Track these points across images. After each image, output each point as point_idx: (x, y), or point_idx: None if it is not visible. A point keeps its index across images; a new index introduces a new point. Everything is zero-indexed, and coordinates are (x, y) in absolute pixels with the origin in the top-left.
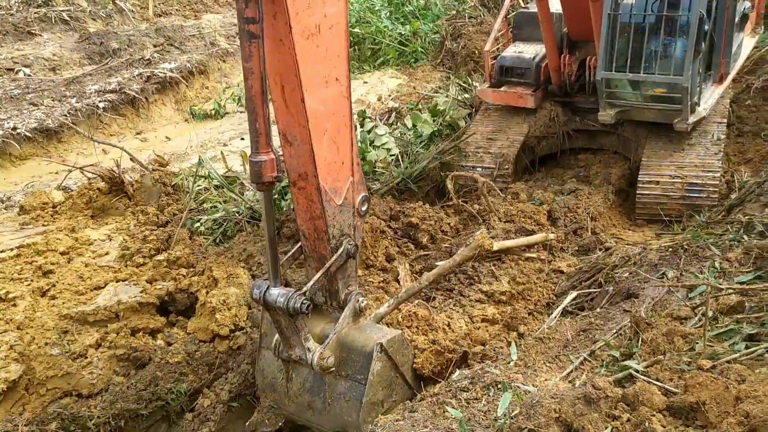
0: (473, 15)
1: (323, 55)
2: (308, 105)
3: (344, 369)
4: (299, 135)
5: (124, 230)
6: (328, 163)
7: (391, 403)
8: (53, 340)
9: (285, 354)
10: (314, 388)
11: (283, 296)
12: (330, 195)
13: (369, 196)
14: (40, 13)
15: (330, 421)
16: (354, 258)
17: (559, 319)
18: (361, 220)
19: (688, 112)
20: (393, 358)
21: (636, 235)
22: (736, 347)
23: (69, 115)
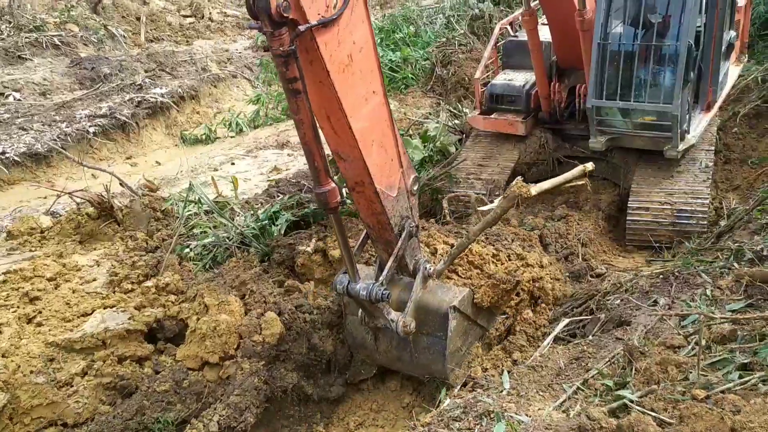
0: (463, 42)
1: (359, 78)
2: (354, 128)
3: (424, 328)
4: (350, 153)
5: (112, 256)
6: (380, 166)
7: (468, 345)
8: (39, 368)
9: (371, 324)
10: (400, 345)
11: (365, 289)
12: (386, 192)
13: (418, 176)
14: (31, 37)
15: (418, 369)
16: (416, 236)
17: (551, 347)
18: (415, 198)
19: (678, 139)
20: (465, 312)
21: (627, 261)
22: (729, 377)
23: (59, 140)
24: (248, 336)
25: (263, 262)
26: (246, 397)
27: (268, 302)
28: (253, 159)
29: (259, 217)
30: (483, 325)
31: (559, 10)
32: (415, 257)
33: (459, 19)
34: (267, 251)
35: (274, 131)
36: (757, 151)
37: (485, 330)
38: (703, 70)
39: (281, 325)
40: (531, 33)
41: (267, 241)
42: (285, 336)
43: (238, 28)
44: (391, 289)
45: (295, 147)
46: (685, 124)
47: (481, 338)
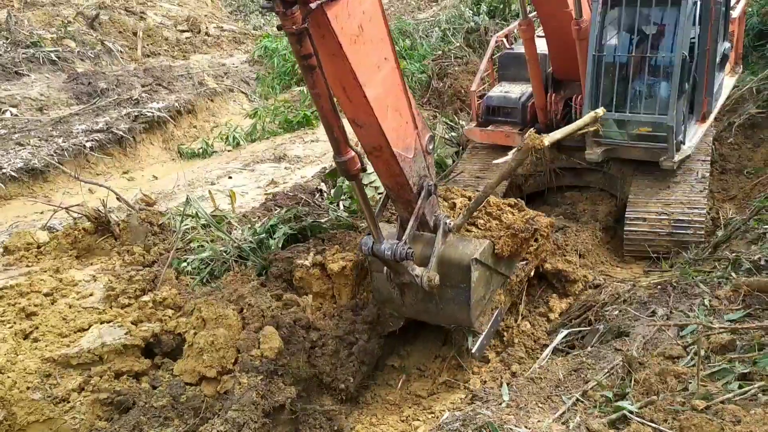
0: (459, 55)
1: (371, 47)
2: (369, 96)
3: (448, 280)
4: (366, 120)
5: (109, 271)
6: (396, 129)
7: (491, 293)
8: (35, 384)
9: (397, 280)
10: (426, 298)
11: (389, 249)
12: (403, 155)
13: (433, 135)
14: (28, 53)
15: (444, 319)
16: (434, 193)
17: (550, 358)
18: (431, 157)
19: (674, 150)
20: (486, 263)
21: (624, 271)
22: (729, 387)
23: (55, 155)
24: (246, 350)
25: (261, 275)
26: (244, 412)
27: (266, 316)
28: (250, 173)
29: (256, 230)
30: (504, 273)
31: (556, 20)
32: (435, 213)
33: (455, 32)
34: (265, 265)
35: (271, 145)
36: (753, 161)
37: (506, 277)
38: (698, 81)
39: (280, 339)
40: (528, 43)
41: (264, 254)
42: (283, 350)
43: (234, 42)
44: (414, 246)
45: (292, 160)
46: (681, 135)
47: (503, 285)
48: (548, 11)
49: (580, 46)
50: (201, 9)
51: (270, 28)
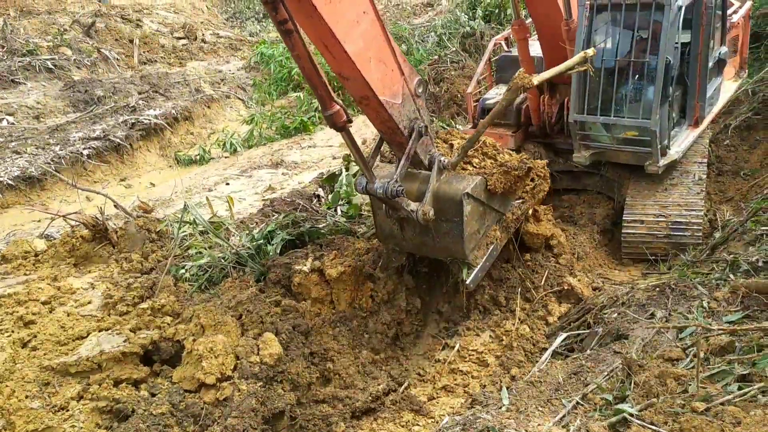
0: (455, 60)
1: (346, 4)
2: (349, 50)
3: (442, 215)
4: (350, 73)
5: (107, 278)
6: (381, 79)
7: (485, 227)
8: (34, 393)
9: (395, 215)
10: (423, 232)
11: (381, 187)
12: (391, 101)
13: (422, 78)
14: (24, 61)
15: (441, 251)
16: (426, 134)
17: (549, 362)
18: (421, 100)
19: (659, 155)
20: (478, 198)
21: (622, 274)
22: (728, 388)
23: (52, 163)
24: (245, 357)
25: (259, 282)
26: (243, 419)
27: (264, 322)
28: (247, 179)
29: (254, 236)
30: (498, 209)
31: (548, 21)
32: (430, 152)
33: (450, 36)
34: (263, 271)
35: (269, 151)
36: (749, 162)
37: (501, 214)
38: (689, 85)
39: (279, 345)
40: (521, 44)
41: (263, 260)
42: (283, 356)
43: (230, 49)
44: (411, 183)
45: (289, 166)
46: (666, 140)
47: (499, 221)
48: (540, 11)
49: (569, 47)
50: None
51: (266, 34)
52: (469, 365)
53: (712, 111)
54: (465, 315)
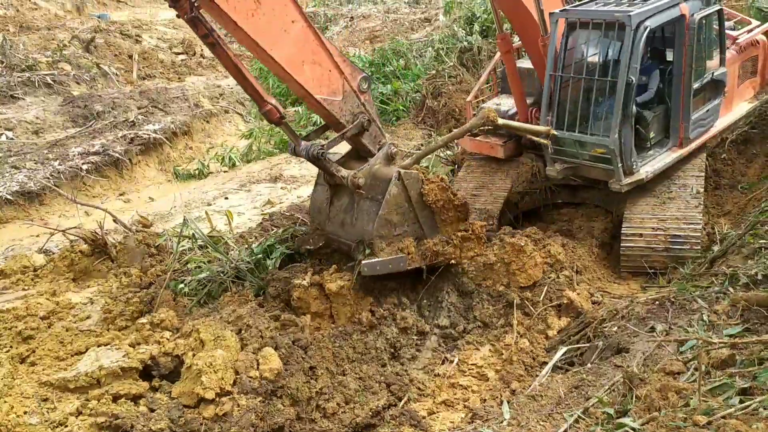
0: (453, 74)
1: (272, 16)
2: (277, 57)
3: (370, 192)
4: (283, 76)
5: (106, 293)
6: (317, 80)
7: (402, 231)
8: (32, 409)
9: (331, 180)
10: (347, 209)
11: (305, 149)
12: (330, 99)
13: (367, 75)
14: (23, 77)
15: (354, 233)
16: (368, 128)
17: (550, 376)
18: (367, 95)
19: (621, 173)
20: (407, 189)
21: (622, 287)
22: (730, 402)
23: (51, 178)
24: (245, 371)
25: (258, 296)
26: None
27: (264, 337)
28: (246, 193)
29: (253, 251)
30: (422, 224)
31: (526, 36)
32: (379, 142)
33: (448, 51)
34: (262, 285)
35: (267, 165)
36: (747, 176)
37: (422, 231)
38: (672, 106)
39: (279, 360)
40: (506, 57)
41: (262, 275)
42: (282, 372)
43: None
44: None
45: (288, 180)
46: (631, 159)
47: (417, 239)
48: (517, 26)
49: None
50: None
51: None
52: (469, 379)
53: (707, 133)
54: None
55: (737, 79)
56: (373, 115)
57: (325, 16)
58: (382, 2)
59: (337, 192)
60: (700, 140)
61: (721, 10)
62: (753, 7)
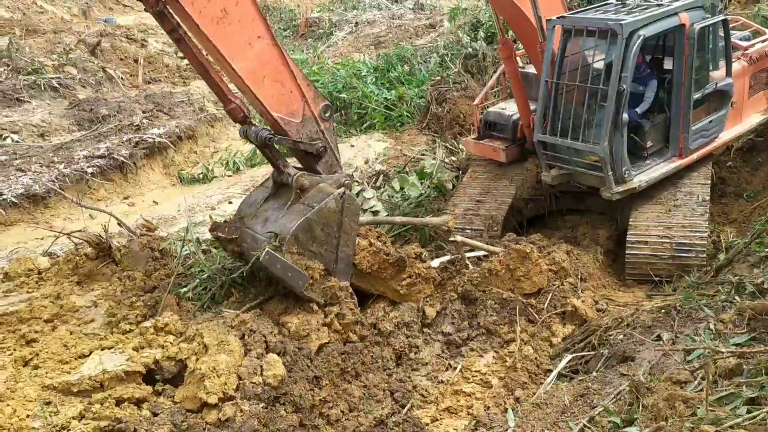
0: (457, 80)
1: (238, 27)
2: (238, 68)
3: (307, 200)
4: (242, 87)
5: (110, 296)
6: (276, 97)
7: (317, 250)
8: (35, 412)
9: (278, 178)
10: (278, 207)
11: (255, 133)
12: (287, 119)
13: (330, 104)
14: (29, 80)
15: (273, 228)
16: (324, 156)
17: (555, 384)
18: (328, 123)
19: (612, 181)
20: (343, 212)
21: (627, 295)
22: (737, 412)
23: (57, 181)
24: (248, 377)
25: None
26: None
27: (268, 342)
28: None
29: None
30: (338, 255)
31: (526, 41)
32: (334, 172)
33: (453, 57)
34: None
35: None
36: (752, 184)
37: (335, 264)
38: (672, 116)
39: (283, 367)
40: (507, 61)
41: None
42: (286, 378)
43: None
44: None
45: None
46: (624, 168)
47: (326, 270)
48: (519, 31)
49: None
50: None
51: None
52: (473, 386)
53: (710, 144)
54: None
55: (748, 90)
56: (331, 144)
57: (330, 22)
58: (387, 8)
59: (276, 194)
60: (702, 151)
61: (726, 20)
62: (758, 16)
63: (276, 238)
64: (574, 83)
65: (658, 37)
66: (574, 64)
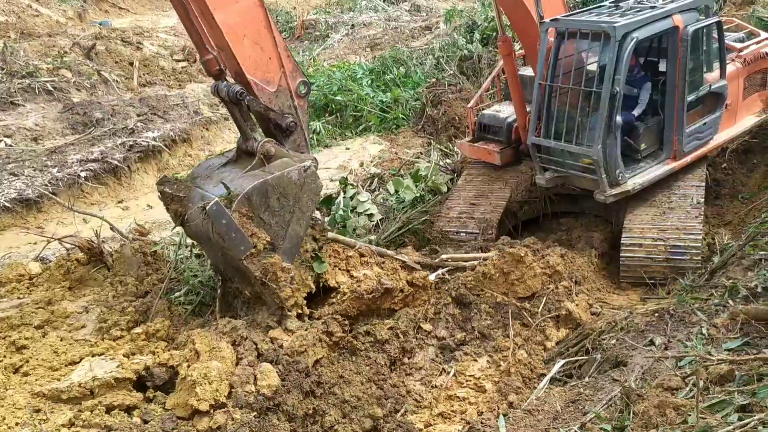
0: (453, 82)
1: None
2: (220, 20)
3: (270, 168)
4: (221, 43)
5: (102, 302)
6: (254, 60)
7: (267, 217)
8: (24, 420)
9: (243, 145)
10: (236, 171)
11: (226, 86)
12: (261, 85)
13: (306, 80)
14: (23, 83)
15: (229, 185)
16: (294, 132)
17: (547, 389)
18: (303, 100)
19: (606, 184)
20: (303, 186)
21: (621, 298)
22: (728, 419)
23: (50, 185)
24: (240, 385)
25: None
26: None
27: (260, 350)
28: None
29: None
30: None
31: (528, 40)
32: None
33: (448, 59)
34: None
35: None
36: (747, 186)
37: (282, 241)
38: (666, 118)
39: (277, 377)
40: (506, 59)
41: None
42: (279, 388)
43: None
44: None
45: None
46: (617, 170)
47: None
48: (519, 27)
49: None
50: None
51: None
52: (467, 391)
53: (704, 147)
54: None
55: (742, 92)
56: (302, 123)
57: (327, 24)
58: (384, 10)
59: (237, 161)
60: (696, 153)
61: (720, 21)
62: (753, 17)
63: (227, 192)
64: (568, 86)
65: (652, 40)
66: (568, 67)
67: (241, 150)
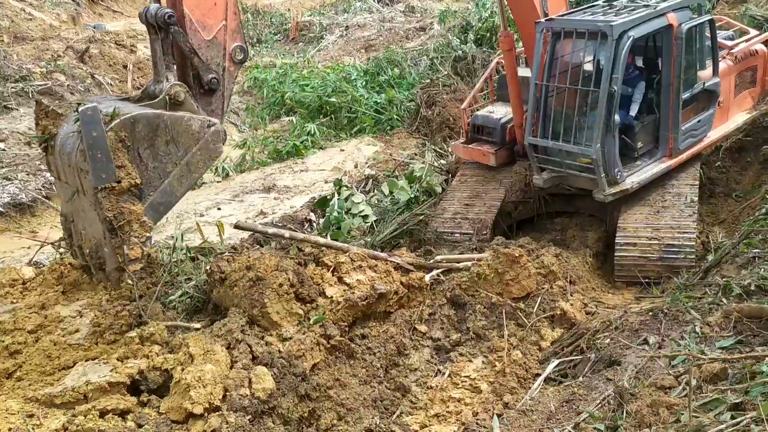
0: (447, 83)
1: None
2: None
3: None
4: None
5: (95, 306)
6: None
7: (147, 157)
8: (17, 426)
9: (151, 87)
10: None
11: (154, 10)
12: (197, 26)
13: (245, 47)
14: (17, 87)
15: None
16: (212, 93)
17: (542, 388)
18: (235, 67)
19: (604, 183)
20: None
21: (616, 298)
22: (721, 418)
23: (43, 189)
24: (235, 388)
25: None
26: None
27: (254, 353)
28: (239, 203)
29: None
30: (165, 179)
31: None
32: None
33: (443, 60)
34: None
35: (261, 175)
36: (741, 184)
37: (159, 183)
38: (661, 116)
39: (272, 380)
40: (507, 55)
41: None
42: (275, 392)
43: None
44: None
45: (281, 191)
46: (616, 169)
47: (141, 183)
48: (522, 20)
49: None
50: None
51: (259, 59)
52: (462, 392)
53: (698, 144)
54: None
55: (734, 89)
56: (226, 87)
57: (321, 25)
58: (378, 11)
59: (139, 100)
60: (691, 151)
61: (713, 19)
62: (746, 16)
63: (114, 111)
64: (564, 86)
65: (646, 39)
66: (564, 67)
67: (147, 92)
